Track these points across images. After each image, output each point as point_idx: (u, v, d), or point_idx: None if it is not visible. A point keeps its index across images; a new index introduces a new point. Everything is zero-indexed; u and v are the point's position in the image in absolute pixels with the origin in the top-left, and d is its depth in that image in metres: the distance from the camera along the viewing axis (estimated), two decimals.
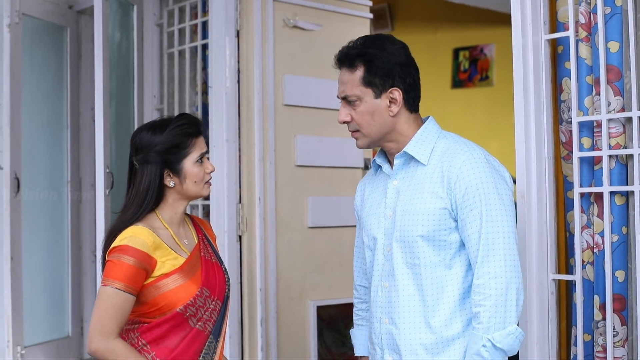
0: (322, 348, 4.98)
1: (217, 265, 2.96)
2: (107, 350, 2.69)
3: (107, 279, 2.72)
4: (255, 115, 4.70)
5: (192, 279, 2.83)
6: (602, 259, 3.11)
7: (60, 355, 5.57)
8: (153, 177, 2.85)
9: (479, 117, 9.56)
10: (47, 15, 5.51)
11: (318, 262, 4.93)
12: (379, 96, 2.74)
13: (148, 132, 2.89)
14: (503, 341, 2.59)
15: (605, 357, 3.10)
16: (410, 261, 2.72)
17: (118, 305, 2.69)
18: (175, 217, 2.92)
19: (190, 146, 2.88)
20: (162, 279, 2.77)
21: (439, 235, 2.69)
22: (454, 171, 2.68)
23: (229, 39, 4.65)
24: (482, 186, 2.65)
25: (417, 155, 2.75)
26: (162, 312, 2.79)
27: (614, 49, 3.10)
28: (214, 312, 2.87)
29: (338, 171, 5.09)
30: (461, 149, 2.73)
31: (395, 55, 2.75)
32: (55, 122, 5.66)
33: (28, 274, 5.28)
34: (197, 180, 2.89)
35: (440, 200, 2.69)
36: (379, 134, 2.77)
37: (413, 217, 2.71)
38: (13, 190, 5.15)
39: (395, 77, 2.75)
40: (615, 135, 3.10)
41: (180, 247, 2.87)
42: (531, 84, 3.30)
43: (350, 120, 2.78)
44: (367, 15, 5.29)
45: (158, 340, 2.79)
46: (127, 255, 2.72)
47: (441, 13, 9.98)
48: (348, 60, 2.76)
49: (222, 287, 2.93)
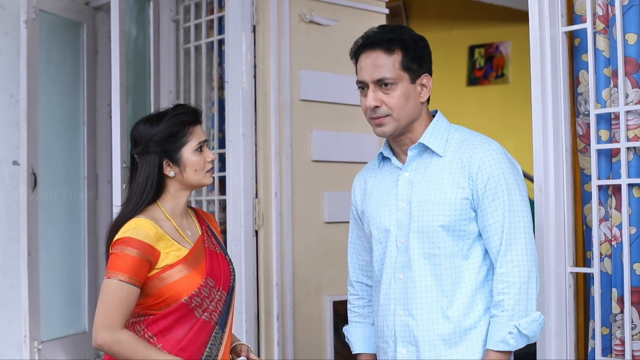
0: (338, 343, 4.98)
1: (221, 256, 2.96)
2: (113, 342, 2.68)
3: (110, 271, 2.72)
4: (272, 110, 4.70)
5: (197, 269, 2.82)
6: (620, 252, 3.10)
7: (76, 350, 5.58)
8: (152, 168, 2.85)
9: (495, 114, 9.54)
10: (63, 11, 5.53)
11: (334, 257, 4.93)
12: (414, 81, 2.77)
13: (145, 124, 2.90)
14: (528, 327, 2.65)
15: (623, 350, 3.09)
16: (429, 252, 2.73)
17: (123, 298, 2.69)
18: (178, 208, 2.91)
19: (188, 134, 2.87)
20: (166, 270, 2.77)
21: (459, 225, 2.72)
22: (475, 162, 2.72)
23: (245, 34, 4.66)
24: (505, 177, 2.71)
25: (434, 147, 2.77)
26: (168, 303, 2.78)
27: (632, 41, 3.08)
28: (219, 303, 2.86)
29: (354, 166, 5.06)
30: (480, 141, 2.78)
31: (425, 44, 2.83)
32: (71, 118, 5.68)
33: (45, 269, 5.30)
34: (197, 168, 2.88)
35: (462, 190, 2.72)
36: (408, 119, 2.78)
37: (433, 208, 2.72)
38: (30, 186, 5.17)
39: (428, 64, 2.81)
40: (633, 127, 3.08)
41: (184, 238, 2.87)
42: (549, 77, 3.29)
43: (380, 105, 2.77)
44: (383, 11, 5.28)
45: (164, 332, 2.78)
46: (130, 247, 2.72)
47: (456, 10, 9.96)
48: (385, 43, 2.75)
49: (227, 277, 2.92)
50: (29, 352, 5.11)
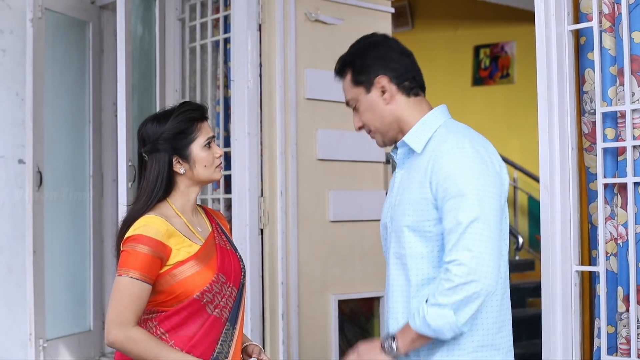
0: (343, 342, 4.98)
1: (231, 252, 2.97)
2: (126, 339, 2.69)
3: (122, 268, 2.73)
4: (277, 109, 4.70)
5: (208, 265, 2.83)
6: (626, 251, 3.10)
7: (81, 349, 5.59)
8: (162, 165, 2.87)
9: (500, 114, 9.55)
10: (69, 10, 5.54)
11: (339, 256, 4.93)
12: (369, 90, 2.75)
13: (153, 122, 2.91)
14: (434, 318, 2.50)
15: (628, 349, 3.09)
16: (398, 251, 2.68)
17: (135, 295, 2.70)
18: (188, 204, 2.92)
19: (196, 131, 2.88)
20: (177, 266, 2.78)
21: (424, 225, 2.62)
22: (437, 160, 2.60)
23: (250, 33, 4.66)
24: (459, 177, 2.55)
25: (412, 144, 2.70)
26: (180, 299, 2.79)
27: (638, 39, 3.08)
28: (230, 299, 2.87)
29: (359, 165, 5.08)
30: (449, 137, 2.65)
31: (370, 47, 2.78)
32: (77, 117, 5.69)
33: (50, 267, 5.31)
34: (207, 164, 2.89)
35: (424, 190, 2.62)
36: (385, 126, 2.76)
37: (402, 207, 2.68)
38: (35, 184, 5.18)
39: (376, 67, 2.75)
40: (639, 125, 3.08)
41: (195, 235, 2.88)
42: (554, 75, 3.29)
43: (361, 124, 2.81)
44: (388, 10, 5.29)
45: (176, 329, 2.79)
46: (141, 244, 2.73)
47: (462, 10, 9.97)
48: (339, 72, 2.82)
49: (238, 273, 2.93)
50: (34, 351, 5.12)
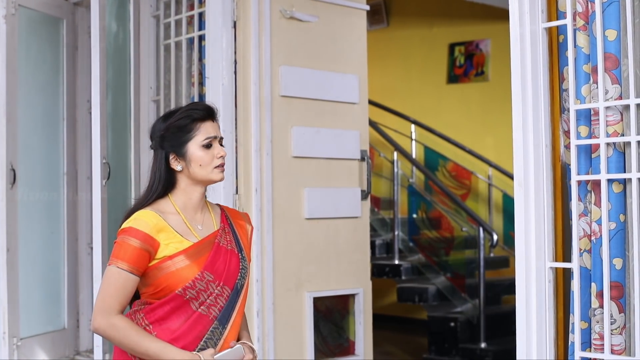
0: (318, 339, 4.99)
1: (232, 252, 2.97)
2: (108, 326, 2.78)
3: (112, 258, 2.82)
4: (252, 106, 4.70)
5: (197, 262, 2.86)
6: (599, 247, 3.12)
7: (55, 347, 5.57)
8: (159, 161, 2.93)
9: (475, 112, 9.58)
10: (43, 6, 5.51)
11: (315, 254, 4.93)
12: None
13: (160, 119, 3.00)
14: None
15: (602, 344, 3.11)
16: None
17: (120, 284, 2.79)
18: (190, 202, 2.95)
19: (195, 130, 2.90)
20: (165, 260, 2.83)
21: None
22: None
23: (225, 30, 4.65)
24: None
25: None
26: (165, 293, 2.85)
27: (611, 37, 3.10)
28: (219, 298, 2.88)
29: (335, 162, 5.09)
30: None
31: None
32: (51, 114, 5.66)
33: (24, 265, 5.28)
34: (202, 163, 2.90)
35: None
36: None
37: None
38: (9, 182, 5.15)
39: None
40: (612, 123, 3.10)
41: (191, 232, 2.91)
42: (529, 73, 3.30)
43: None
44: (363, 7, 5.28)
45: (160, 321, 2.85)
46: (130, 236, 2.81)
47: (437, 8, 10.00)
48: None
49: (233, 274, 2.93)
50: (8, 349, 5.09)
